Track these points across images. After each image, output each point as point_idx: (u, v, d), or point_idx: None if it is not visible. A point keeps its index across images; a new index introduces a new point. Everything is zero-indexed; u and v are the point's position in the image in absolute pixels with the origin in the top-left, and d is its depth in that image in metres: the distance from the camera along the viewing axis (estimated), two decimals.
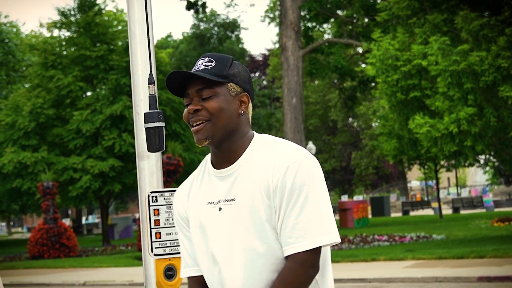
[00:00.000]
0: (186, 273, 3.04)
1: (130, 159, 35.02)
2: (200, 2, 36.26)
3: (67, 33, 38.26)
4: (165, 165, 26.57)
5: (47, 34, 41.00)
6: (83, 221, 69.22)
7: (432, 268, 16.10)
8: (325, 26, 40.68)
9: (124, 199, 65.29)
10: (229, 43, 53.42)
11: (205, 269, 2.93)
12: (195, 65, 2.91)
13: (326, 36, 42.53)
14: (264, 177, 2.79)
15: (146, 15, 3.92)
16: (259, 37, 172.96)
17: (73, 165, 33.98)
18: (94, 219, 71.05)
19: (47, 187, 29.76)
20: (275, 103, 59.75)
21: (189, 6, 36.09)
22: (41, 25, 40.04)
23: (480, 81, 19.15)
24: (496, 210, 46.42)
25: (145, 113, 3.45)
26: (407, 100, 21.52)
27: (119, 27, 37.73)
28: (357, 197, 58.00)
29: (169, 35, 63.77)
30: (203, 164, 3.01)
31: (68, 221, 64.07)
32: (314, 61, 34.77)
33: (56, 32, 45.29)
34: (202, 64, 2.87)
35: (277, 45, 49.87)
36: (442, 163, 40.05)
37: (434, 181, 59.61)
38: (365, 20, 34.24)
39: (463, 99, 19.48)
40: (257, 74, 65.83)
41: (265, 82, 64.09)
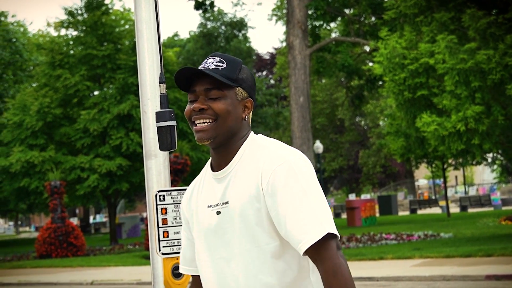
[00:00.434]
0: (184, 270, 3.11)
1: (137, 158, 35.06)
2: (208, 1, 36.24)
3: (74, 33, 38.32)
4: (172, 164, 26.59)
5: (54, 33, 41.01)
6: (91, 220, 69.31)
7: (440, 266, 16.08)
8: (332, 24, 40.67)
9: (131, 198, 65.28)
10: (236, 42, 53.41)
11: (201, 272, 2.94)
12: (204, 62, 2.89)
13: (333, 34, 42.52)
14: (253, 181, 2.78)
15: (156, 14, 3.92)
16: (266, 36, 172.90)
17: (81, 164, 34.05)
18: (101, 218, 71.16)
19: (55, 186, 29.81)
20: (282, 102, 59.73)
21: (197, 5, 36.06)
22: (48, 25, 40.00)
23: (487, 80, 19.11)
24: (503, 208, 46.30)
25: (156, 112, 3.46)
26: (415, 98, 21.49)
27: (126, 26, 37.76)
28: (365, 196, 57.96)
29: (176, 34, 63.75)
30: (206, 166, 3.01)
31: (75, 220, 64.18)
32: (321, 60, 34.73)
33: (63, 31, 45.33)
34: (212, 63, 2.86)
35: (284, 44, 49.88)
36: (449, 161, 39.98)
37: (441, 180, 59.47)
38: (372, 18, 34.18)
39: (470, 98, 19.45)
40: (264, 73, 65.82)
41: (272, 81, 64.06)
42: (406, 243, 22.72)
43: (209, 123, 2.82)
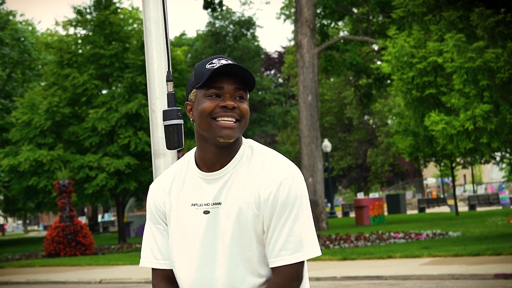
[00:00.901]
0: (150, 264, 2.99)
1: (145, 157, 35.09)
2: (216, 0, 36.27)
3: (83, 32, 38.39)
4: None
5: (62, 32, 41.20)
6: (99, 219, 69.47)
7: (448, 265, 16.05)
8: (340, 23, 40.66)
9: (140, 197, 65.35)
10: (245, 40, 53.38)
11: (181, 270, 2.92)
12: (218, 62, 2.84)
13: (341, 33, 42.48)
14: (255, 188, 2.81)
15: (164, 13, 3.93)
16: (275, 35, 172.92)
17: (89, 163, 34.11)
18: (110, 217, 71.35)
19: (63, 185, 29.86)
20: (291, 101, 59.75)
21: (206, 5, 36.11)
22: (57, 24, 40.04)
23: (495, 78, 19.08)
24: None
25: (163, 111, 3.46)
26: (423, 97, 21.46)
27: (134, 25, 37.80)
28: (373, 195, 57.92)
29: (183, 33, 63.79)
30: (185, 162, 2.98)
31: (84, 219, 64.39)
32: (329, 59, 34.75)
33: (71, 30, 45.36)
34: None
35: (293, 43, 49.89)
36: (458, 160, 39.94)
37: (450, 178, 59.44)
38: (380, 17, 34.18)
39: (478, 96, 19.42)
40: (272, 71, 65.87)
41: (280, 79, 64.09)
42: (414, 242, 22.69)
43: (235, 122, 2.81)
